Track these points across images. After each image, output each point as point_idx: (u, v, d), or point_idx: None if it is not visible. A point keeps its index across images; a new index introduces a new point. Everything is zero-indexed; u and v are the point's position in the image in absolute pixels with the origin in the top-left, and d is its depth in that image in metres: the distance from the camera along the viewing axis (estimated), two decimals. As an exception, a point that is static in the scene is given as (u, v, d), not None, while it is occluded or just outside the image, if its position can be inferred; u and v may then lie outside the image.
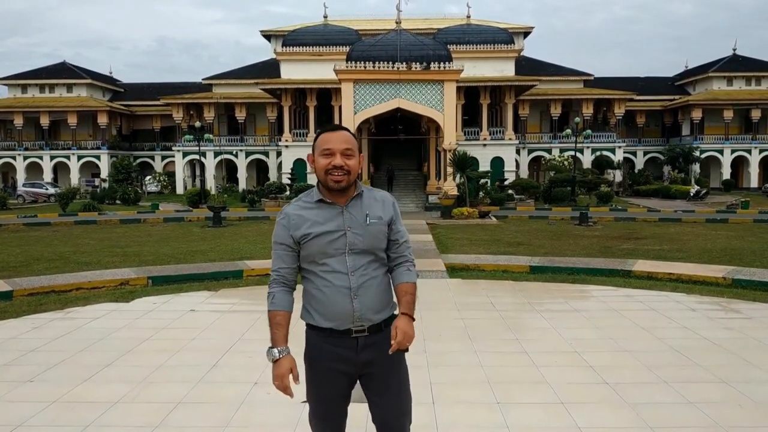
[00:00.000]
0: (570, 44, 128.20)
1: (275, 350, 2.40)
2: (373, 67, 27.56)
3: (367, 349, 2.44)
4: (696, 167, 45.58)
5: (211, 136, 38.95)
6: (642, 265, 10.16)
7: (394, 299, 2.55)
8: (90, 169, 48.68)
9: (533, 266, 10.32)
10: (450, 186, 27.59)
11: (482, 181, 30.73)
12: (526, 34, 48.85)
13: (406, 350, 2.48)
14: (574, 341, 5.74)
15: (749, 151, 46.82)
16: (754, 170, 46.78)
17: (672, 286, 8.69)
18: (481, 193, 29.53)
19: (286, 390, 2.40)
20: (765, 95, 46.75)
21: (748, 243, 14.79)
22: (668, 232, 17.78)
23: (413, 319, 2.46)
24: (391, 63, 27.58)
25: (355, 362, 2.44)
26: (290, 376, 2.40)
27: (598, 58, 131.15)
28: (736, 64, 48.56)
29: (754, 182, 46.30)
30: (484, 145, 36.97)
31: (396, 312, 2.51)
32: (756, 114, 46.36)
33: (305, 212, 2.43)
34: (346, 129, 2.51)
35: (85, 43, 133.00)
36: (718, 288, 8.68)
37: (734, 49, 49.55)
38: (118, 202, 35.16)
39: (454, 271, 10.27)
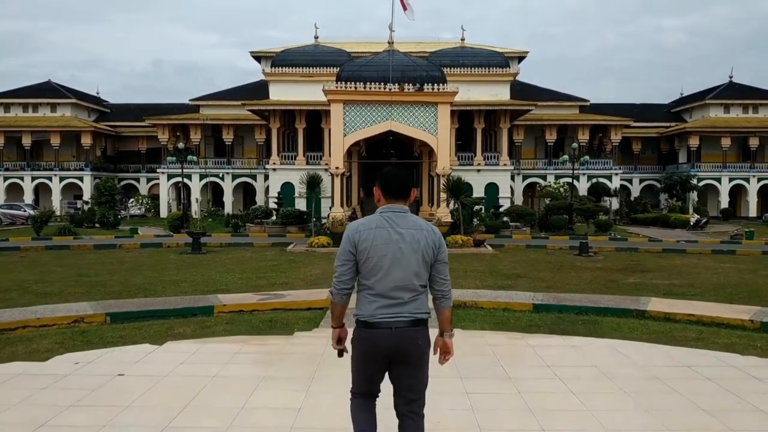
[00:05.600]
0: (564, 71, 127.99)
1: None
2: (364, 87, 26.28)
3: None
4: (693, 195, 44.67)
5: (195, 157, 37.58)
6: (657, 305, 9.27)
7: None
8: (72, 191, 47.17)
9: (536, 304, 9.33)
10: (443, 212, 26.27)
11: (476, 207, 29.41)
12: (521, 58, 48.02)
13: None
14: (619, 432, 4.28)
15: (747, 180, 46.01)
16: (752, 199, 45.96)
17: (696, 331, 7.73)
18: (475, 220, 28.23)
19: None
20: (763, 123, 46.10)
21: (763, 278, 13.99)
22: (674, 265, 16.93)
23: None
24: (383, 84, 26.32)
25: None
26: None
27: (592, 85, 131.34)
28: (733, 92, 47.94)
29: (752, 211, 45.51)
30: (479, 170, 35.85)
31: None
32: (754, 142, 45.67)
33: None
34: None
35: (81, 64, 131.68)
36: (745, 332, 7.76)
37: (731, 77, 49.02)
38: (96, 225, 33.72)
39: (450, 311, 8.88)
